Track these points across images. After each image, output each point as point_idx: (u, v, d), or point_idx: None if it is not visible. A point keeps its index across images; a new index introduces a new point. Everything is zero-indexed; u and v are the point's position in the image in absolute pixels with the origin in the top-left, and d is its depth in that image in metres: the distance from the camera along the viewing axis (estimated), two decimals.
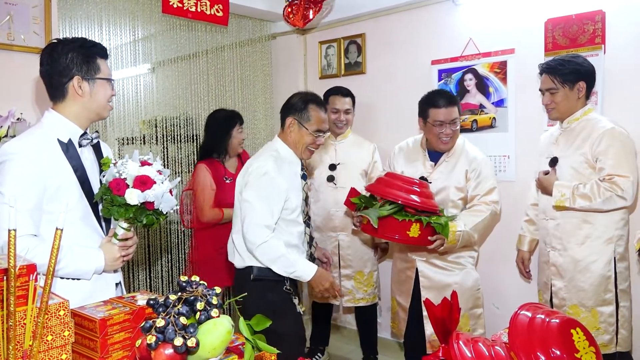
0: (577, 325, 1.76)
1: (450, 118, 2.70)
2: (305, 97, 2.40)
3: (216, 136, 3.28)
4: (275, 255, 2.24)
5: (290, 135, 2.39)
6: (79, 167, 1.79)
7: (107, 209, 1.73)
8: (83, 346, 1.26)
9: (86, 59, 1.79)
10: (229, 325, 1.14)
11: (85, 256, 1.74)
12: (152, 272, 3.77)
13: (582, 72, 2.48)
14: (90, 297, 1.69)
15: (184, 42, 3.80)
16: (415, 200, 2.47)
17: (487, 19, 3.23)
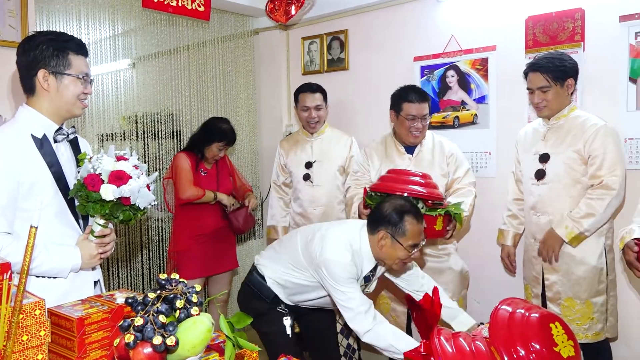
0: (556, 320, 1.81)
1: (422, 113, 2.81)
2: (402, 209, 2.14)
3: (201, 137, 3.34)
4: (384, 345, 2.07)
5: (381, 249, 2.15)
6: (54, 163, 1.75)
7: (83, 206, 1.70)
8: (60, 346, 1.24)
9: (56, 53, 1.74)
10: (209, 323, 1.13)
11: (61, 254, 1.70)
12: (131, 269, 3.73)
13: (570, 68, 2.53)
14: (67, 295, 1.67)
15: (165, 37, 3.76)
16: (425, 192, 2.49)
17: (468, 16, 3.25)
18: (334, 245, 2.18)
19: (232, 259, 3.54)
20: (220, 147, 3.31)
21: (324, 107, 3.39)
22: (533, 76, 2.58)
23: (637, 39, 2.66)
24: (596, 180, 2.44)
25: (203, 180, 3.32)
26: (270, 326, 2.38)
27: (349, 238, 2.20)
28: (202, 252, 3.32)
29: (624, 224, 2.14)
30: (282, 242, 2.53)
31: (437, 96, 3.41)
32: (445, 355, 1.53)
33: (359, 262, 2.19)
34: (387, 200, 2.27)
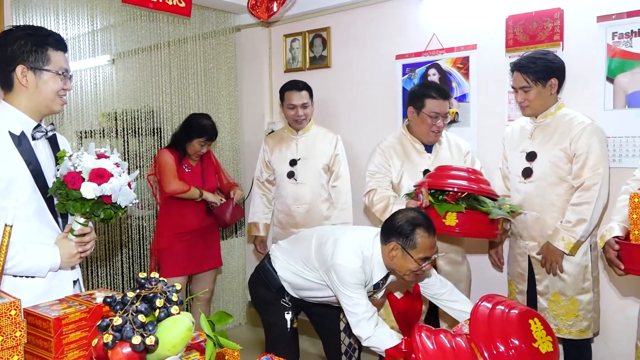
0: (535, 316, 1.85)
1: (445, 110, 2.74)
2: (413, 221, 2.12)
3: (182, 134, 3.33)
4: (383, 348, 2.04)
5: (392, 259, 2.16)
6: (32, 161, 1.72)
7: (62, 204, 1.67)
8: (37, 347, 1.22)
9: (35, 48, 1.71)
10: (189, 323, 1.12)
11: (40, 253, 1.67)
12: (111, 268, 3.69)
13: (554, 68, 2.55)
14: (46, 295, 1.64)
15: (145, 33, 3.71)
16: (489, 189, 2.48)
17: (450, 14, 3.27)
18: (345, 250, 2.19)
19: (216, 257, 3.52)
20: (201, 142, 3.29)
21: (310, 105, 3.37)
22: (516, 76, 2.60)
23: (614, 39, 2.71)
24: (579, 180, 2.47)
25: (187, 176, 3.29)
26: (272, 316, 2.47)
27: (361, 245, 2.21)
28: (185, 250, 3.30)
29: (605, 222, 2.17)
30: (298, 238, 2.55)
31: None
32: (426, 351, 1.54)
33: (369, 269, 2.20)
34: (399, 211, 2.24)
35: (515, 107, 3.07)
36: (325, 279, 2.26)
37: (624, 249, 1.91)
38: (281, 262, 2.44)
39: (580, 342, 2.59)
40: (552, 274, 2.55)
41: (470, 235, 2.58)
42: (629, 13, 2.66)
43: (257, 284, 2.52)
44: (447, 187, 2.44)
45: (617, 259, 1.92)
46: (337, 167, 3.35)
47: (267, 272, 2.46)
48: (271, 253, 2.52)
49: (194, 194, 3.25)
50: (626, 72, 2.68)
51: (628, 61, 2.68)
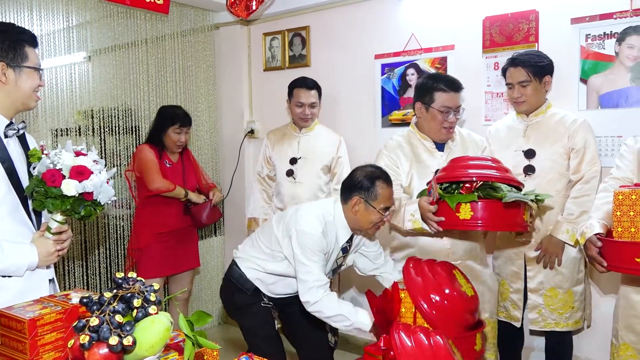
0: (454, 268, 2.20)
1: (457, 104, 2.51)
2: (372, 175, 2.24)
3: (156, 126, 3.29)
4: (329, 314, 2.17)
5: (355, 214, 2.23)
6: (6, 159, 1.70)
7: (40, 202, 1.65)
8: (11, 348, 1.20)
9: (13, 46, 1.72)
10: (168, 322, 1.12)
11: (18, 252, 1.66)
12: (88, 268, 3.63)
13: (547, 66, 2.61)
14: (23, 295, 1.63)
15: (122, 30, 3.67)
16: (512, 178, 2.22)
17: (428, 15, 3.30)
18: (307, 216, 2.26)
19: (194, 257, 3.49)
20: (177, 130, 3.24)
21: (318, 104, 3.33)
22: (514, 71, 2.60)
23: (587, 41, 2.77)
24: (578, 174, 2.53)
25: (168, 172, 3.25)
26: (253, 319, 2.43)
27: (322, 211, 2.28)
28: (164, 251, 3.26)
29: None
30: (261, 228, 2.52)
31: (398, 94, 3.46)
32: (404, 349, 1.56)
33: (333, 233, 2.27)
34: (357, 168, 2.32)
35: (492, 107, 3.11)
36: (286, 251, 2.27)
37: (606, 246, 1.92)
38: (247, 262, 2.40)
39: (564, 335, 2.64)
40: (550, 267, 2.56)
41: (492, 227, 2.31)
42: (601, 15, 2.72)
43: (230, 292, 2.46)
44: (456, 178, 2.22)
45: (599, 255, 1.94)
46: (340, 170, 3.30)
47: (237, 276, 2.41)
48: (235, 257, 2.47)
49: (179, 193, 3.20)
50: (599, 74, 2.75)
51: (601, 62, 2.74)
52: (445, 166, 2.36)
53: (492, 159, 2.31)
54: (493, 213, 2.12)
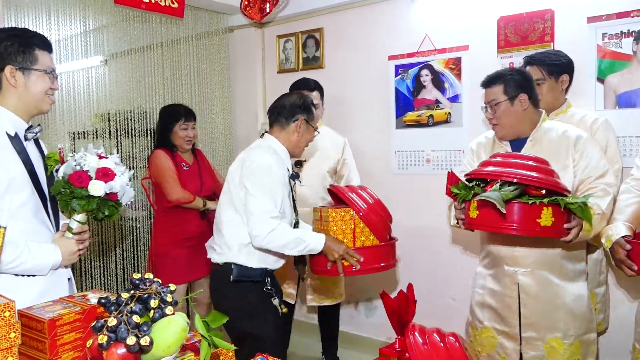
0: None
1: (487, 99, 2.31)
2: (307, 97, 2.42)
3: (161, 128, 3.24)
4: (284, 241, 2.20)
5: (296, 135, 2.35)
6: (28, 162, 1.74)
7: (66, 202, 1.70)
8: (31, 348, 1.22)
9: (22, 49, 1.73)
10: (184, 323, 1.13)
11: (43, 251, 1.70)
12: (105, 269, 3.68)
13: (564, 65, 2.57)
14: (45, 292, 1.68)
15: (138, 34, 3.71)
16: (540, 178, 1.92)
17: (442, 15, 3.29)
18: (258, 153, 2.30)
19: None
20: (182, 126, 3.19)
21: (320, 106, 3.24)
22: (530, 69, 2.56)
23: (604, 40, 2.74)
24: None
25: (186, 175, 3.21)
26: (266, 323, 2.32)
27: (265, 145, 2.35)
28: (185, 257, 3.20)
29: None
30: (218, 217, 2.40)
31: (412, 95, 3.45)
32: (419, 351, 1.56)
33: (281, 161, 2.33)
34: (282, 96, 2.45)
35: None
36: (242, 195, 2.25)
37: (636, 248, 1.85)
38: (231, 254, 2.29)
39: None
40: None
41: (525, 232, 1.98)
42: (618, 14, 2.69)
43: (241, 295, 2.31)
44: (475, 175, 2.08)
45: (627, 259, 1.86)
46: (347, 172, 3.26)
47: (238, 273, 2.29)
48: (216, 261, 2.35)
49: (198, 204, 3.15)
50: (616, 73, 2.71)
51: (618, 62, 2.71)
52: (483, 161, 2.17)
53: (534, 157, 2.04)
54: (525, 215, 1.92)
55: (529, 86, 2.26)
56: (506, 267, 2.26)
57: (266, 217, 2.18)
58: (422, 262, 3.46)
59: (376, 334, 3.69)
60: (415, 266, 3.47)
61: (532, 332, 2.21)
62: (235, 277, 2.28)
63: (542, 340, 2.20)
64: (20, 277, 1.69)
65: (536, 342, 2.21)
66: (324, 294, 3.32)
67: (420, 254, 3.45)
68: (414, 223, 3.47)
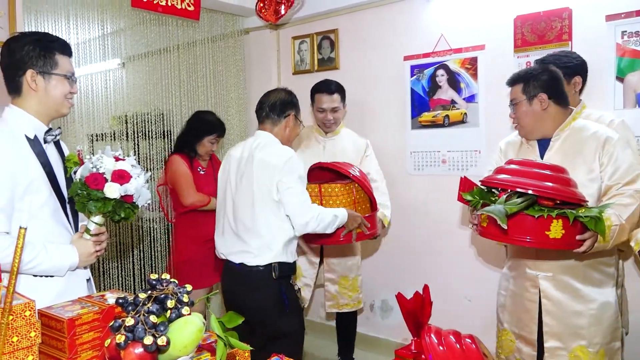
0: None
1: (510, 99, 2.27)
2: (292, 93, 2.53)
3: (190, 134, 3.25)
4: (327, 220, 2.35)
5: (288, 130, 2.48)
6: (47, 164, 1.76)
7: (83, 204, 1.71)
8: (51, 347, 1.24)
9: (43, 54, 1.76)
10: (200, 323, 1.14)
11: (60, 252, 1.72)
12: (123, 270, 3.72)
13: (576, 66, 2.50)
14: (63, 293, 1.70)
15: (155, 37, 3.75)
16: (552, 188, 1.84)
17: (458, 15, 3.27)
18: (276, 148, 2.37)
19: None
20: (212, 140, 3.22)
21: (341, 109, 3.19)
22: None
23: (623, 38, 2.70)
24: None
25: (202, 179, 3.22)
26: (297, 318, 2.42)
27: (273, 139, 2.43)
28: (210, 258, 3.11)
29: None
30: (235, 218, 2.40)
31: (427, 95, 3.43)
32: (435, 352, 1.55)
33: None
34: (267, 93, 2.53)
35: None
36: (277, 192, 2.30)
37: None
38: (272, 255, 2.32)
39: None
40: None
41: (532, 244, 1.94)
42: (638, 12, 2.65)
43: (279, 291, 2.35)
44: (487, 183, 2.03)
45: None
46: (368, 168, 3.17)
47: (283, 269, 2.34)
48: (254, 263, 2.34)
49: (213, 205, 3.06)
50: (636, 71, 2.67)
51: (638, 60, 2.67)
52: (499, 167, 2.10)
53: (551, 166, 1.99)
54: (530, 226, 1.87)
55: (552, 85, 2.19)
56: (528, 270, 2.22)
57: (308, 204, 2.32)
58: (438, 263, 3.44)
59: (392, 335, 3.68)
60: (431, 267, 3.45)
61: (556, 342, 2.15)
62: (279, 275, 2.34)
63: (567, 350, 2.13)
64: (39, 278, 1.71)
65: (560, 352, 2.15)
66: (344, 301, 3.30)
67: (436, 255, 3.44)
68: (429, 224, 3.45)
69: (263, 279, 2.32)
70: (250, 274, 2.33)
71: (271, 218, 2.31)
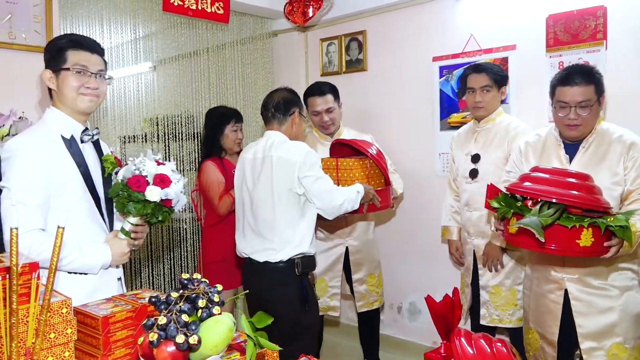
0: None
1: (576, 100, 2.12)
2: (294, 91, 2.61)
3: (210, 133, 3.24)
4: (353, 199, 2.50)
5: (295, 127, 2.55)
6: (82, 163, 1.80)
7: (123, 205, 1.73)
8: (86, 343, 1.27)
9: (53, 53, 1.79)
10: (231, 323, 1.15)
11: (93, 251, 1.76)
12: (154, 269, 3.78)
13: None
14: (95, 290, 1.74)
15: (185, 40, 3.80)
16: (579, 197, 1.86)
17: (488, 15, 3.23)
18: (291, 145, 2.45)
19: None
20: (233, 128, 3.20)
21: (336, 108, 3.15)
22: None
23: None
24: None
25: None
26: (314, 311, 2.53)
27: (285, 138, 2.50)
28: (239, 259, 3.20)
29: None
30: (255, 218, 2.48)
31: (457, 96, 3.39)
32: (465, 356, 1.53)
33: None
34: (271, 94, 2.60)
35: None
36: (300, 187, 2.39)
37: None
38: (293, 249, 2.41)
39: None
40: (494, 270, 2.72)
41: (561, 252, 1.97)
42: None
43: (301, 286, 2.45)
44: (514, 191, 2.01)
45: None
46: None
47: (303, 264, 2.43)
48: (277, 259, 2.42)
49: None
50: None
51: None
52: (523, 175, 2.10)
53: (575, 173, 1.98)
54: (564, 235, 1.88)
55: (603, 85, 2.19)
56: (553, 272, 2.23)
57: (335, 188, 2.45)
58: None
59: (420, 338, 3.65)
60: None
61: (592, 342, 2.14)
62: (302, 271, 2.43)
63: (604, 349, 2.13)
64: (73, 275, 1.75)
65: (598, 352, 2.13)
66: (373, 298, 3.29)
67: None
68: None
69: (286, 275, 2.42)
70: (274, 270, 2.42)
71: (291, 214, 2.41)
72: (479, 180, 2.76)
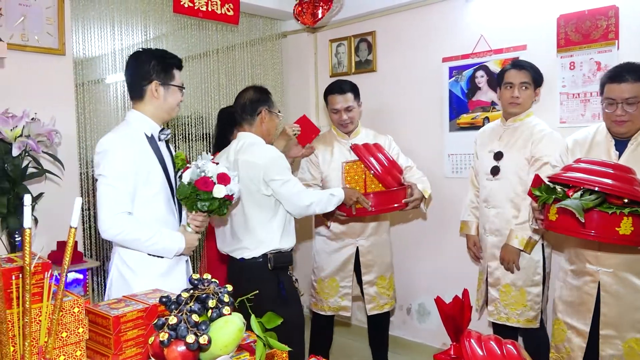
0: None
1: (623, 96, 2.14)
2: (261, 89, 2.64)
3: (222, 131, 3.24)
4: (326, 201, 2.58)
5: (264, 125, 2.59)
6: (161, 158, 2.08)
7: (192, 204, 2.00)
8: (97, 343, 1.28)
9: (164, 68, 2.09)
10: (241, 323, 1.15)
11: (172, 237, 2.03)
12: None
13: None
14: (171, 270, 2.09)
15: (195, 42, 3.82)
16: (618, 186, 1.88)
17: (498, 15, 3.22)
18: (261, 148, 2.51)
19: None
20: None
21: (356, 107, 3.12)
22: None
23: None
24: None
25: None
26: (294, 309, 2.56)
27: (255, 140, 2.55)
28: None
29: None
30: (230, 218, 2.58)
31: (466, 97, 3.38)
32: (475, 358, 1.52)
33: None
34: (238, 96, 2.62)
35: (568, 109, 2.99)
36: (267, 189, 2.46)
37: None
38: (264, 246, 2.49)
39: (535, 331, 2.74)
40: (511, 271, 2.73)
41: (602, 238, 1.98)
42: None
43: (277, 282, 2.51)
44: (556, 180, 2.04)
45: None
46: (400, 161, 3.15)
47: (278, 259, 2.50)
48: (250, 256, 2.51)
49: None
50: None
51: None
52: (567, 165, 2.11)
53: (615, 165, 2.00)
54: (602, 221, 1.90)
55: None
56: (588, 265, 2.28)
57: (305, 189, 2.53)
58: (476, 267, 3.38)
59: (430, 340, 3.64)
60: (470, 271, 3.39)
61: (611, 330, 2.20)
62: (274, 266, 2.50)
63: (622, 339, 2.18)
64: (151, 257, 2.03)
65: (615, 341, 2.20)
66: (384, 301, 3.27)
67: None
68: None
69: (260, 270, 2.50)
70: (248, 266, 2.51)
71: (263, 215, 2.49)
72: (499, 177, 2.77)
